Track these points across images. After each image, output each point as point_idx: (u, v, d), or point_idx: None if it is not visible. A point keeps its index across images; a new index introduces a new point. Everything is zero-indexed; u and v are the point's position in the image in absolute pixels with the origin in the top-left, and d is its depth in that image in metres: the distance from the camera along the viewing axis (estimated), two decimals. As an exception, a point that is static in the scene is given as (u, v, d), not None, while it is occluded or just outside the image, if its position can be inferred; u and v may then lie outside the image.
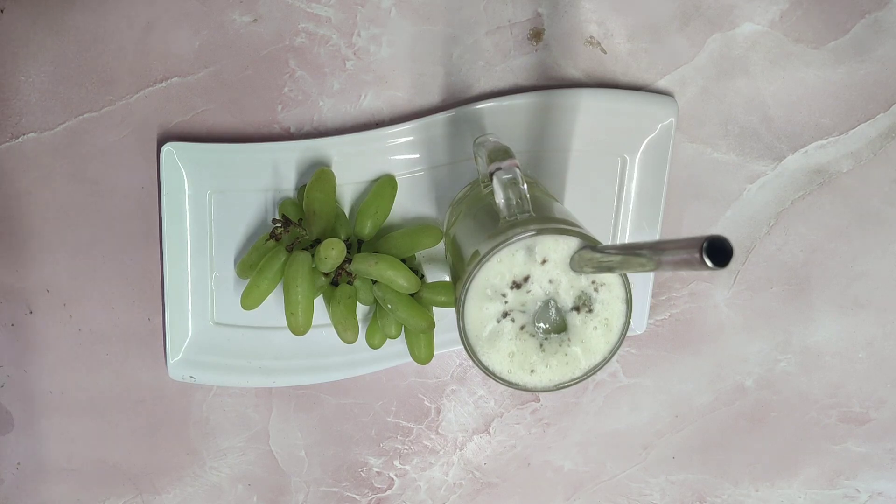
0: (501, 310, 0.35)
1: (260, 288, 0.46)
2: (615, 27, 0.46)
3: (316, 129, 0.47)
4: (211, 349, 0.49)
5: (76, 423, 0.53)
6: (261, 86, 0.46)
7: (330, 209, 0.45)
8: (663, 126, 0.47)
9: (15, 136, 0.46)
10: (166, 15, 0.45)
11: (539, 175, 0.47)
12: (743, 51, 0.47)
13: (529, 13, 0.46)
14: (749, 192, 0.50)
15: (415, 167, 0.47)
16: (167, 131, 0.47)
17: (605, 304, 0.35)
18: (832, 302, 0.53)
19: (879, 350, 0.54)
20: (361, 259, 0.44)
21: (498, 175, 0.36)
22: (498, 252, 0.34)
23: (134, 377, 0.52)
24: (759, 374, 0.55)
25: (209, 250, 0.48)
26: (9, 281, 0.49)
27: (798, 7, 0.46)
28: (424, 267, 0.48)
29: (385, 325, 0.46)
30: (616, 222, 0.49)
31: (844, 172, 0.50)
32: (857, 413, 0.56)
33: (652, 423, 0.56)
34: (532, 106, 0.45)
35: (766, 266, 0.52)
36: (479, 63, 0.46)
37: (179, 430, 0.53)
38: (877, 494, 0.60)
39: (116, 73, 0.45)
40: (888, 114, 0.49)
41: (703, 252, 0.24)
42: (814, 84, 0.48)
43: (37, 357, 0.51)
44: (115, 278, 0.49)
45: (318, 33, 0.45)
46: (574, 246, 0.34)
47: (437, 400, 0.54)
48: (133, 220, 0.48)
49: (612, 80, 0.47)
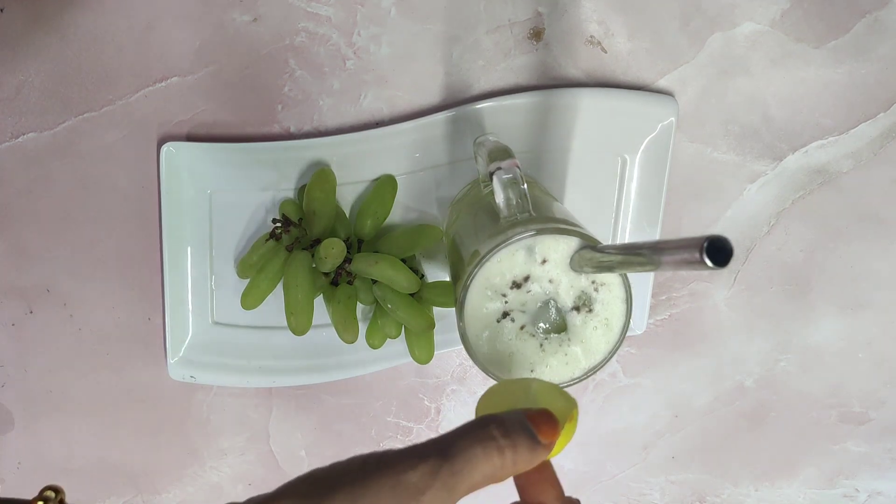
0: (501, 310, 0.35)
1: (260, 288, 0.46)
2: (615, 26, 0.46)
3: (316, 128, 0.47)
4: (211, 349, 0.49)
5: (76, 423, 0.53)
6: (261, 85, 0.46)
7: (330, 209, 0.45)
8: (663, 126, 0.47)
9: (15, 135, 0.46)
10: (166, 14, 0.44)
11: (539, 175, 0.47)
12: (743, 50, 0.47)
13: (529, 12, 0.46)
14: (749, 192, 0.50)
15: (415, 167, 0.47)
16: (167, 131, 0.46)
17: (605, 303, 0.35)
18: (832, 302, 0.53)
19: (879, 350, 0.54)
20: (361, 259, 0.44)
21: (498, 175, 0.36)
22: (498, 252, 0.34)
23: (134, 377, 0.52)
24: (758, 374, 0.55)
25: (209, 250, 0.48)
26: (9, 281, 0.49)
27: (799, 6, 0.46)
28: (424, 267, 0.48)
29: (385, 325, 0.46)
30: (616, 222, 0.49)
31: (845, 172, 0.50)
32: (856, 413, 0.56)
33: (652, 423, 0.56)
34: (532, 105, 0.45)
35: (767, 266, 0.52)
36: (479, 62, 0.46)
37: (179, 429, 0.53)
38: (876, 494, 0.60)
39: (116, 73, 0.45)
40: (888, 113, 0.49)
41: (703, 252, 0.24)
42: (814, 83, 0.48)
43: (37, 357, 0.51)
44: (115, 278, 0.49)
45: (318, 33, 0.45)
46: (574, 246, 0.34)
47: (438, 400, 0.54)
48: (133, 219, 0.48)
49: (612, 80, 0.47)
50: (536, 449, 0.25)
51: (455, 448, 0.24)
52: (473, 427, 0.25)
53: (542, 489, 0.27)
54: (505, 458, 0.25)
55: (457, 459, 0.24)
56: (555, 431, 0.26)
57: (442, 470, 0.24)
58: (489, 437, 0.25)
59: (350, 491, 0.23)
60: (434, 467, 0.24)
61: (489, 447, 0.25)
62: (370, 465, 0.24)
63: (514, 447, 0.25)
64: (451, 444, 0.25)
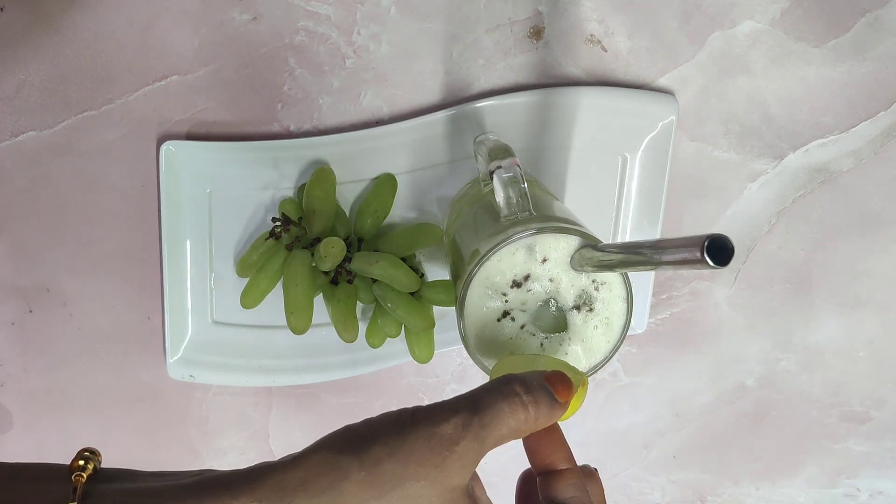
0: (502, 309, 0.35)
1: (259, 287, 0.46)
2: (616, 25, 0.46)
3: (316, 127, 0.47)
4: (210, 348, 0.49)
5: (76, 422, 0.53)
6: (260, 84, 0.46)
7: (330, 208, 0.45)
8: (664, 124, 0.46)
9: (15, 134, 0.46)
10: (166, 13, 0.44)
11: (539, 174, 0.47)
12: (744, 49, 0.47)
13: (530, 11, 0.46)
14: (750, 191, 0.50)
15: (415, 166, 0.47)
16: (167, 130, 0.46)
17: (605, 303, 0.35)
18: (833, 300, 0.53)
19: (880, 349, 0.54)
20: (361, 258, 0.44)
21: (498, 173, 0.35)
22: (498, 251, 0.34)
23: (134, 376, 0.51)
24: (759, 373, 0.55)
25: (209, 249, 0.48)
26: (9, 280, 0.49)
27: (799, 5, 0.46)
28: (424, 265, 0.48)
29: (385, 325, 0.46)
30: (616, 221, 0.49)
31: (845, 171, 0.50)
32: (857, 412, 0.56)
33: (653, 423, 0.56)
34: (532, 104, 0.45)
35: (767, 265, 0.52)
36: (479, 61, 0.46)
37: (179, 429, 0.53)
38: (877, 493, 0.60)
39: (116, 72, 0.45)
40: (889, 112, 0.49)
41: (703, 251, 0.24)
42: (814, 82, 0.48)
43: (37, 356, 0.51)
44: (115, 277, 0.49)
45: (317, 31, 0.45)
46: (575, 245, 0.34)
47: (438, 399, 0.54)
48: (133, 218, 0.48)
49: (612, 79, 0.47)
50: (554, 406, 0.27)
51: (483, 403, 0.26)
52: (499, 384, 0.27)
53: (553, 450, 0.28)
54: (528, 413, 0.26)
55: (486, 413, 0.25)
56: (569, 391, 0.28)
57: (473, 423, 0.25)
58: (514, 394, 0.26)
59: (387, 442, 0.25)
60: (465, 420, 0.25)
61: (514, 403, 0.26)
62: (404, 419, 0.25)
63: (536, 403, 0.27)
64: (479, 399, 0.26)
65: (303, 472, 0.24)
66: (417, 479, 0.24)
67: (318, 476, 0.24)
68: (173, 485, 0.25)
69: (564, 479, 0.28)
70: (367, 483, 0.24)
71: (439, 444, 0.25)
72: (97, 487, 0.25)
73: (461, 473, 0.25)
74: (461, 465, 0.25)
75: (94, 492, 0.25)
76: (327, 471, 0.24)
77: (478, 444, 0.25)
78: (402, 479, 0.24)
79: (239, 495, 0.24)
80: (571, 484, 0.28)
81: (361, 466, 0.24)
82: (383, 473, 0.24)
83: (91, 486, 0.25)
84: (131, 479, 0.26)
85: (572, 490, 0.28)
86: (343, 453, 0.25)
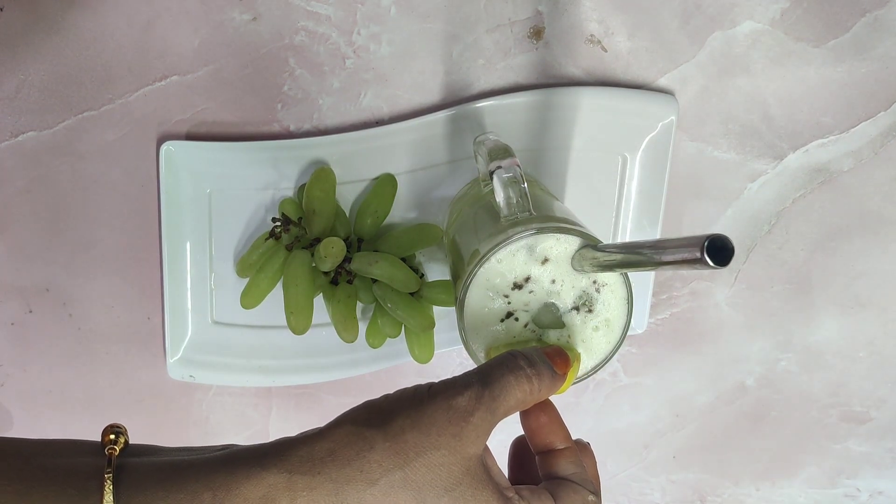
0: (502, 309, 0.35)
1: (259, 287, 0.46)
2: (616, 25, 0.46)
3: (316, 127, 0.47)
4: (210, 348, 0.49)
5: (76, 422, 0.53)
6: (260, 84, 0.46)
7: (330, 208, 0.45)
8: (664, 124, 0.46)
9: (15, 134, 0.46)
10: (166, 13, 0.44)
11: (539, 174, 0.47)
12: (744, 49, 0.47)
13: (530, 11, 0.46)
14: (750, 191, 0.50)
15: (415, 166, 0.47)
16: (167, 130, 0.46)
17: (606, 303, 0.35)
18: (833, 301, 0.53)
19: (880, 349, 0.54)
20: (361, 258, 0.44)
21: (498, 174, 0.35)
22: (498, 251, 0.34)
23: (133, 376, 0.51)
24: (759, 373, 0.55)
25: (208, 249, 0.48)
26: (9, 280, 0.49)
27: (799, 5, 0.46)
28: (424, 266, 0.48)
29: (385, 325, 0.46)
30: (617, 221, 0.49)
31: (845, 171, 0.50)
32: (857, 412, 0.56)
33: (652, 423, 0.56)
34: (532, 104, 0.45)
35: (767, 265, 0.52)
36: (479, 61, 0.46)
37: (179, 429, 0.53)
38: (877, 493, 0.60)
39: (116, 72, 0.45)
40: (889, 112, 0.49)
41: (704, 251, 0.24)
42: (814, 82, 0.48)
43: (37, 356, 0.51)
44: (115, 278, 0.49)
45: (317, 31, 0.45)
46: (575, 245, 0.34)
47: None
48: (132, 218, 0.48)
49: (612, 79, 0.47)
50: (555, 377, 0.29)
51: (492, 377, 0.28)
52: (505, 359, 0.29)
53: (552, 430, 0.31)
54: (533, 384, 0.28)
55: (495, 386, 0.28)
56: (567, 364, 0.30)
57: (484, 395, 0.27)
58: (518, 367, 0.29)
59: (408, 415, 0.27)
60: (478, 393, 0.27)
61: (520, 376, 0.28)
62: (421, 393, 0.27)
63: (539, 375, 0.29)
64: (488, 373, 0.28)
65: (330, 443, 0.26)
66: (438, 448, 0.26)
67: (346, 447, 0.26)
68: (203, 458, 0.27)
69: (564, 457, 0.30)
70: (393, 452, 0.26)
71: (456, 416, 0.26)
72: (128, 461, 0.26)
73: (476, 443, 0.27)
74: (476, 435, 0.27)
75: (125, 465, 0.26)
76: (354, 441, 0.26)
77: (490, 415, 0.27)
78: (424, 449, 0.26)
79: (269, 466, 0.25)
80: (571, 461, 0.30)
81: (386, 437, 0.26)
82: (406, 443, 0.26)
83: (122, 459, 0.26)
84: (158, 453, 0.28)
85: (572, 467, 0.30)
86: (367, 426, 0.27)
